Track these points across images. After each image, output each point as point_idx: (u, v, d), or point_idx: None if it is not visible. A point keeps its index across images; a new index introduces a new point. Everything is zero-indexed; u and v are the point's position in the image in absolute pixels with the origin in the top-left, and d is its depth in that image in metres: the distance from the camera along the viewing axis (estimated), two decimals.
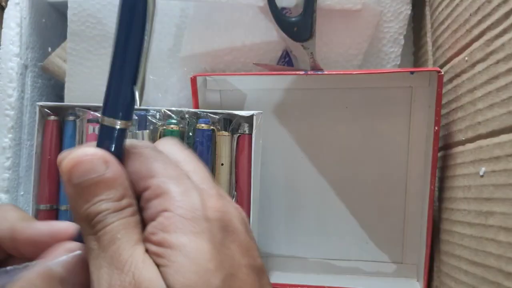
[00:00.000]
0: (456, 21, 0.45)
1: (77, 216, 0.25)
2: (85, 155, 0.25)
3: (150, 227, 0.25)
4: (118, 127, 0.26)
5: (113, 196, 0.25)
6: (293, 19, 0.54)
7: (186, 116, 0.51)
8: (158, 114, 0.51)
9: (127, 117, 0.26)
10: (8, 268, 0.27)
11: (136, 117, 0.50)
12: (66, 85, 0.59)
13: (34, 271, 0.25)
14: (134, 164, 0.26)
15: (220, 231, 0.25)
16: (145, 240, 0.25)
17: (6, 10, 0.59)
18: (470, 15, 0.42)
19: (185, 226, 0.24)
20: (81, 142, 0.51)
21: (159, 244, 0.24)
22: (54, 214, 0.52)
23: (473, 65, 0.41)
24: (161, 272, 0.23)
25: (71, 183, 0.25)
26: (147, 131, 0.50)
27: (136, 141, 0.28)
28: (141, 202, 0.26)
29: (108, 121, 0.26)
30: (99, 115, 0.50)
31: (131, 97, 0.26)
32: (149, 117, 0.50)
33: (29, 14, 0.59)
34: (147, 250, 0.24)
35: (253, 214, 0.50)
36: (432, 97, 0.50)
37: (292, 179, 0.58)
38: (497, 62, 0.36)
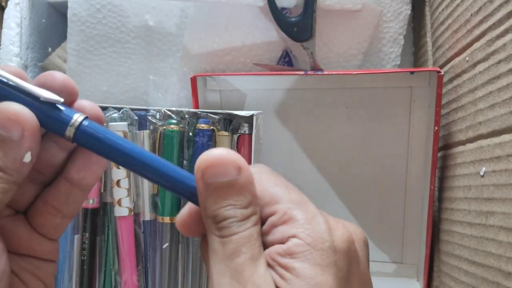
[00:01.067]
0: (457, 21, 0.45)
1: (205, 213, 0.26)
2: (220, 157, 0.26)
3: (277, 248, 0.25)
4: None
5: (241, 202, 0.26)
6: (293, 19, 0.54)
7: (186, 116, 0.51)
8: (158, 114, 0.51)
9: None
10: None
11: (136, 117, 0.50)
12: None
13: None
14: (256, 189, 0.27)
15: (346, 264, 0.26)
16: (270, 255, 0.25)
17: (6, 10, 0.59)
18: (471, 15, 0.42)
19: (314, 257, 0.25)
20: None
21: (284, 267, 0.25)
22: None
23: (474, 65, 0.41)
24: None
25: (203, 182, 0.26)
26: (147, 131, 0.50)
27: (252, 166, 0.28)
28: (264, 226, 0.26)
29: None
30: None
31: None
32: (149, 117, 0.50)
33: (29, 14, 0.59)
34: (268, 264, 0.25)
35: None
36: (432, 97, 0.51)
37: (292, 179, 0.57)
38: (499, 62, 0.36)
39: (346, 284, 0.25)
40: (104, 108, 0.50)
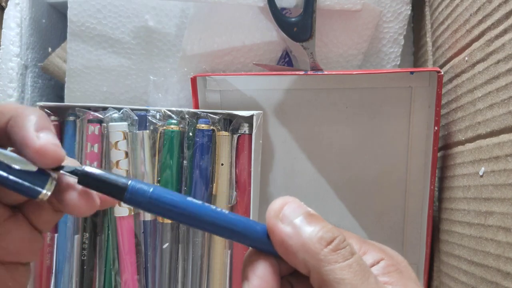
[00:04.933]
0: (456, 21, 0.45)
1: (308, 245, 0.26)
2: (287, 198, 0.28)
3: (374, 270, 0.28)
4: None
5: (329, 225, 0.27)
6: (293, 19, 0.54)
7: (186, 116, 0.51)
8: (158, 114, 0.51)
9: None
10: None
11: (136, 118, 0.50)
12: (66, 85, 0.59)
13: None
14: None
15: None
16: None
17: (6, 11, 0.59)
18: (471, 15, 0.42)
19: (404, 274, 0.29)
20: (81, 143, 0.51)
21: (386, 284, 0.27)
22: None
23: (473, 65, 0.41)
24: None
25: (287, 221, 0.27)
26: (147, 131, 0.50)
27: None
28: None
29: None
30: (99, 115, 0.50)
31: None
32: (149, 117, 0.51)
33: (29, 15, 0.60)
34: None
35: (252, 214, 0.50)
36: (432, 97, 0.51)
37: (292, 179, 0.58)
38: (497, 62, 0.36)
39: None
40: (104, 108, 0.51)
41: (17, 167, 0.26)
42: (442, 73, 0.47)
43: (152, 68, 0.59)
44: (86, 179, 0.27)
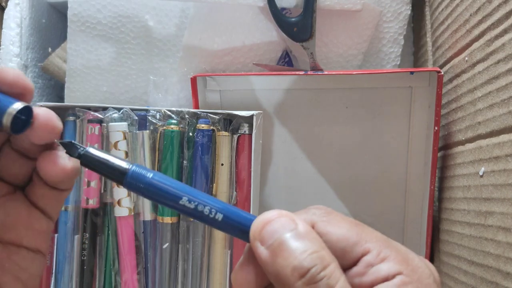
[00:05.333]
0: (456, 21, 0.45)
1: (281, 276, 0.24)
2: (272, 216, 0.25)
3: (384, 287, 0.24)
4: None
5: (315, 249, 0.24)
6: (293, 19, 0.54)
7: (186, 116, 0.51)
8: (158, 114, 0.51)
9: None
10: None
11: (136, 118, 0.50)
12: (66, 86, 0.59)
13: None
14: (336, 231, 0.26)
15: None
16: None
17: (6, 11, 0.59)
18: (471, 15, 0.42)
19: None
20: (81, 143, 0.51)
21: None
22: None
23: (473, 65, 0.41)
24: None
25: (265, 244, 0.25)
26: (147, 131, 0.50)
27: (314, 208, 0.27)
28: (357, 267, 0.25)
29: None
30: (99, 115, 0.50)
31: None
32: (149, 117, 0.51)
33: (29, 15, 0.60)
34: None
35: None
36: (432, 97, 0.51)
37: (292, 179, 0.58)
38: (497, 62, 0.36)
39: None
40: (104, 108, 0.51)
41: None
42: (442, 73, 0.47)
43: (152, 68, 0.59)
44: (87, 161, 0.28)
